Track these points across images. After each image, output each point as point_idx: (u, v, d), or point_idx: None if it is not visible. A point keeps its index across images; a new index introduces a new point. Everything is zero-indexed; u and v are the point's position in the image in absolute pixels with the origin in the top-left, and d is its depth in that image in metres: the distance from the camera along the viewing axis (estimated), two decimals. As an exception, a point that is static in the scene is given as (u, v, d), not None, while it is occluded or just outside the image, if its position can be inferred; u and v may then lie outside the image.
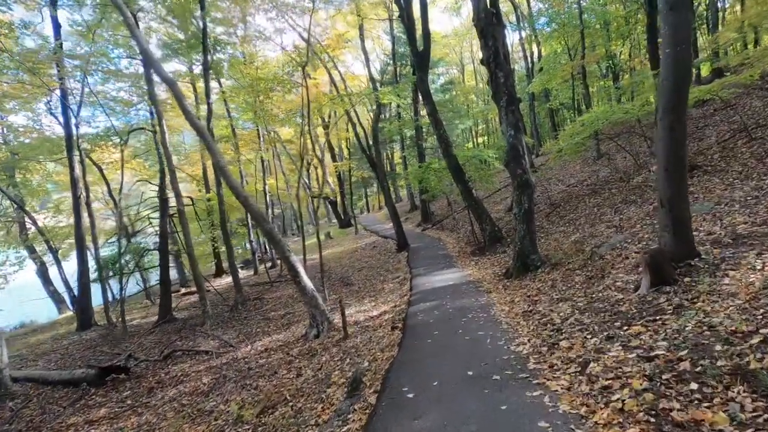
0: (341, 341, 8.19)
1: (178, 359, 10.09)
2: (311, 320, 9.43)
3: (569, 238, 10.94)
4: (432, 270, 12.82)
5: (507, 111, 9.74)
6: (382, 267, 16.20)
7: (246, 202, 9.56)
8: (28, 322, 21.43)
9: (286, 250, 9.47)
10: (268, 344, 9.77)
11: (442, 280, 11.00)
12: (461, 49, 46.34)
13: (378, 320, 9.05)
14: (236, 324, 12.52)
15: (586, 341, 4.51)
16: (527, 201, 9.56)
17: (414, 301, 9.33)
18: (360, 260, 18.87)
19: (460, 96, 35.79)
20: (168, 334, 12.65)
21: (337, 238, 29.48)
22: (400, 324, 7.68)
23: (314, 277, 14.58)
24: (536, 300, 7.02)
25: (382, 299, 11.14)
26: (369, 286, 13.54)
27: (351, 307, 11.11)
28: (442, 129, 14.94)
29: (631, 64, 28.35)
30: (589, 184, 15.97)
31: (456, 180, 14.33)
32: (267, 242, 25.10)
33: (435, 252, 15.91)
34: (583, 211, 13.05)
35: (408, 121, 25.05)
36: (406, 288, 11.28)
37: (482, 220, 14.05)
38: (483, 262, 12.39)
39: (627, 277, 6.29)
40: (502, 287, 8.93)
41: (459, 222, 20.65)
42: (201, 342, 11.25)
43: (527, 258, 9.46)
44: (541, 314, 6.11)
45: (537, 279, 8.55)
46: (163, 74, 9.71)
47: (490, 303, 7.66)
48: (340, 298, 8.35)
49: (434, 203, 29.22)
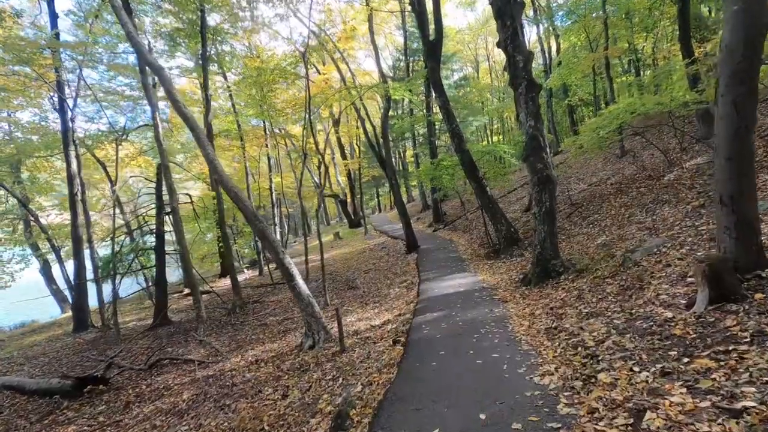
0: (337, 355, 7.28)
1: (164, 368, 9.30)
2: (307, 329, 8.54)
3: (594, 240, 9.84)
4: (442, 274, 11.84)
5: (526, 99, 8.71)
6: (389, 270, 15.26)
7: (237, 197, 8.72)
8: (30, 321, 21.04)
9: (281, 251, 8.60)
10: (260, 354, 8.91)
11: (452, 286, 10.01)
12: (476, 46, 45.20)
13: (380, 331, 8.11)
14: (231, 329, 11.71)
15: (634, 376, 3.49)
16: (548, 199, 8.51)
17: (420, 309, 8.36)
18: (367, 262, 17.96)
19: (474, 92, 34.57)
20: (159, 339, 11.91)
21: (347, 238, 28.61)
22: (403, 338, 6.73)
23: (317, 279, 13.73)
24: (561, 314, 5.99)
25: (387, 306, 10.19)
26: (374, 290, 12.61)
27: (353, 314, 10.20)
28: (455, 123, 13.93)
29: (654, 58, 26.91)
30: (613, 183, 14.77)
31: (469, 177, 13.32)
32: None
33: (446, 254, 14.91)
34: (608, 211, 11.92)
35: (420, 117, 24.06)
36: (413, 294, 10.32)
37: (497, 221, 13.01)
38: (498, 266, 11.36)
39: (673, 289, 5.23)
40: (520, 296, 7.91)
41: (472, 223, 19.59)
42: (191, 349, 10.46)
43: (548, 263, 8.42)
44: (569, 333, 5.09)
45: (560, 288, 7.50)
46: (149, 59, 8.93)
47: (506, 315, 6.66)
48: (338, 307, 7.45)
49: (447, 203, 28.16)
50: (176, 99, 8.87)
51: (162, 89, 13.13)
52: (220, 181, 8.73)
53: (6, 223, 24.44)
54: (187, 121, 8.91)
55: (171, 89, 8.84)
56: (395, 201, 18.24)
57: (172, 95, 8.83)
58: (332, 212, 58.12)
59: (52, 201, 25.27)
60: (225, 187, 8.80)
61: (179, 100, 8.94)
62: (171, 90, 8.84)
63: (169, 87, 8.84)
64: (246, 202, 8.75)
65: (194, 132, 8.89)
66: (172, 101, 8.89)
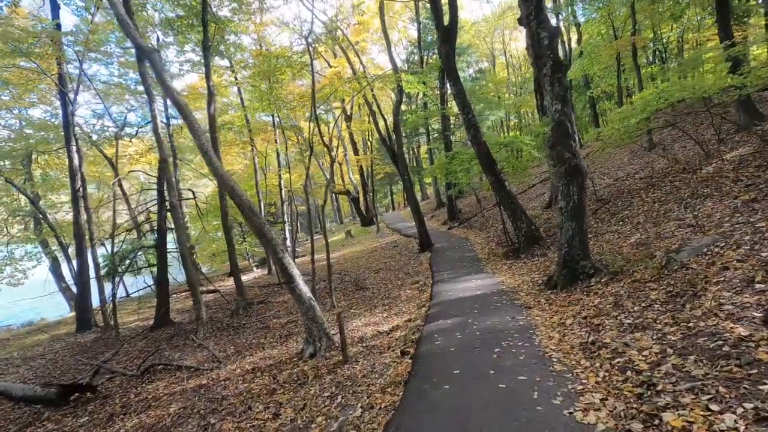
0: (339, 366, 6.50)
1: (157, 375, 8.67)
2: (308, 335, 7.79)
3: (627, 239, 8.86)
4: (457, 275, 10.98)
5: (551, 80, 7.78)
6: (401, 269, 14.44)
7: (233, 191, 8.01)
8: (39, 319, 20.86)
9: (279, 250, 7.86)
10: (257, 361, 8.20)
11: (468, 288, 9.15)
12: (492, 40, 44.00)
13: (387, 338, 7.31)
14: (232, 332, 11.05)
15: (715, 419, 2.62)
16: (577, 192, 7.58)
17: (433, 315, 7.53)
18: (378, 261, 17.17)
19: (490, 87, 33.43)
20: (158, 342, 11.32)
21: (358, 236, 27.89)
22: (412, 349, 5.91)
23: (325, 279, 13.00)
24: (598, 325, 5.09)
25: (397, 309, 9.38)
26: (384, 291, 11.81)
27: (359, 318, 9.42)
28: (471, 113, 13.01)
29: (680, 47, 25.46)
30: (642, 177, 13.68)
31: (486, 170, 12.40)
32: (288, 239, 23.82)
33: (461, 253, 14.02)
34: (639, 207, 10.89)
35: (434, 110, 23.12)
36: (426, 296, 9.48)
37: (516, 217, 12.07)
38: (518, 267, 10.45)
39: (739, 297, 4.30)
40: (545, 301, 7.01)
41: (489, 220, 18.63)
42: (188, 354, 9.82)
43: (576, 264, 7.49)
44: (612, 350, 4.20)
45: (592, 292, 6.58)
46: (139, 41, 8.27)
47: (531, 324, 5.78)
48: (339, 313, 6.67)
49: (462, 200, 27.19)
50: (168, 85, 8.19)
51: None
52: (215, 174, 8.04)
53: (18, 220, 24.46)
54: (180, 109, 8.23)
55: (162, 74, 8.17)
56: (407, 197, 17.40)
57: (164, 81, 8.15)
58: (346, 210, 57.47)
59: (63, 198, 25.13)
60: (220, 181, 8.10)
61: (171, 87, 8.26)
62: (162, 75, 8.16)
63: (160, 71, 8.17)
64: (243, 197, 8.03)
65: (187, 120, 8.21)
66: (164, 87, 8.22)
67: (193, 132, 8.18)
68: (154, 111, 11.01)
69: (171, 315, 13.99)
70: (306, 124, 37.93)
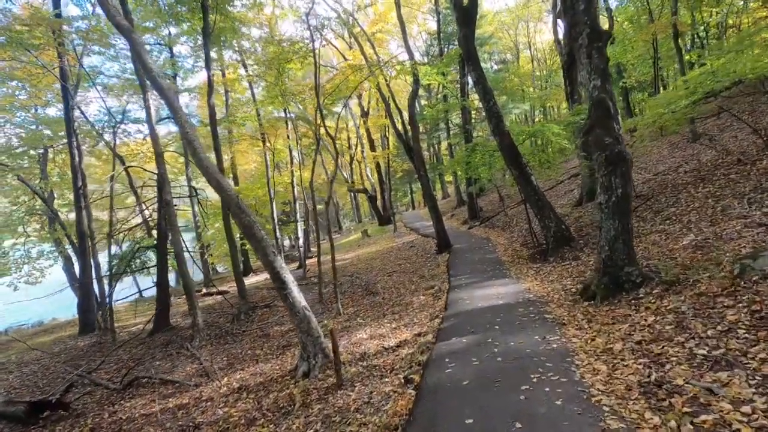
0: (332, 391, 5.45)
1: (140, 389, 7.82)
2: (302, 350, 6.78)
3: (679, 241, 7.51)
4: (477, 279, 9.79)
5: (589, 51, 6.52)
6: (416, 272, 13.30)
7: (219, 185, 7.08)
8: (50, 319, 20.65)
9: (270, 252, 6.88)
10: (247, 378, 7.25)
11: (489, 295, 7.96)
12: (516, 33, 42.30)
13: (392, 357, 6.22)
14: (230, 340, 10.17)
15: None
16: (621, 184, 6.30)
17: (446, 330, 6.39)
18: (393, 262, 16.07)
19: (515, 80, 31.78)
20: (152, 349, 10.55)
21: (375, 236, 26.84)
22: (417, 376, 4.79)
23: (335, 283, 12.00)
24: (659, 355, 3.86)
25: (407, 320, 8.27)
26: (395, 297, 10.71)
27: (364, 329, 8.35)
28: (493, 100, 11.77)
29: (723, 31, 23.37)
30: (688, 171, 12.15)
31: (510, 163, 11.14)
32: (301, 238, 22.99)
33: (482, 255, 12.80)
34: (689, 203, 9.47)
35: (453, 103, 21.85)
36: (440, 305, 8.34)
37: (544, 215, 10.77)
38: (546, 272, 9.19)
39: None
40: (582, 316, 5.78)
41: (512, 219, 17.27)
42: (179, 365, 8.97)
43: (620, 270, 6.22)
44: (690, 399, 3.00)
45: (643, 306, 5.32)
46: (117, 20, 7.42)
47: (567, 349, 4.59)
48: (332, 330, 5.62)
49: (483, 198, 25.79)
50: (149, 67, 7.32)
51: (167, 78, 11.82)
52: (199, 166, 7.13)
53: (36, 219, 24.45)
54: (162, 93, 7.35)
55: (142, 55, 7.30)
56: (424, 194, 16.25)
57: (144, 62, 7.29)
58: (366, 209, 56.54)
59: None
60: (206, 174, 7.17)
61: (153, 69, 7.39)
62: (142, 56, 7.30)
63: (140, 51, 7.30)
64: (229, 192, 7.09)
65: (171, 107, 7.32)
66: (144, 69, 7.36)
67: (177, 119, 7.28)
68: (148, 101, 10.23)
69: (174, 318, 13.30)
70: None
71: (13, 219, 22.23)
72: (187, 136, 7.22)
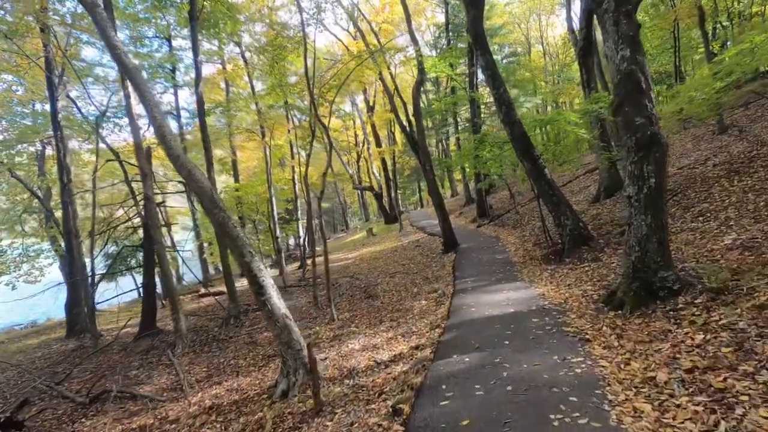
0: (308, 418, 4.59)
1: (106, 404, 7.03)
2: (282, 365, 5.92)
3: (718, 240, 6.51)
4: (484, 282, 8.86)
5: (615, 18, 5.54)
6: (419, 273, 12.39)
7: (190, 176, 6.25)
8: (45, 319, 20.14)
9: (247, 252, 6.03)
10: (223, 394, 6.41)
11: (497, 302, 7.02)
12: (527, 27, 41.15)
13: (383, 375, 5.32)
14: (215, 347, 9.36)
15: None
16: (654, 173, 5.32)
17: (447, 344, 5.47)
18: (396, 263, 15.16)
19: (526, 74, 30.59)
20: (132, 356, 9.79)
21: (380, 234, 25.95)
22: (407, 406, 3.89)
23: (335, 284, 11.12)
24: (722, 391, 2.91)
25: (405, 328, 7.36)
26: (396, 301, 9.81)
27: (358, 338, 7.47)
28: (502, 87, 10.79)
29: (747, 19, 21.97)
30: (717, 164, 11.06)
31: (521, 155, 10.16)
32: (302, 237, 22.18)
33: (491, 255, 11.84)
34: (724, 198, 8.43)
35: (461, 95, 20.84)
36: (443, 312, 7.42)
37: (560, 212, 9.78)
38: (562, 274, 8.21)
39: None
40: (610, 330, 4.82)
41: (524, 217, 16.24)
42: (156, 374, 8.19)
43: (654, 275, 5.25)
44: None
45: (686, 320, 4.35)
46: (79, -10, 6.63)
47: (595, 377, 3.64)
48: (309, 344, 4.77)
49: (493, 195, 24.72)
50: (114, 44, 6.51)
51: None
52: (169, 155, 6.32)
53: (34, 216, 24.03)
54: (127, 72, 6.55)
55: (106, 30, 6.49)
56: (429, 190, 15.31)
57: (108, 38, 6.48)
58: (374, 208, 55.64)
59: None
60: (175, 163, 6.35)
61: (118, 47, 6.58)
62: (106, 31, 6.49)
63: (105, 27, 6.49)
64: (202, 183, 6.24)
65: (138, 88, 6.50)
66: (109, 46, 6.55)
67: (145, 102, 6.46)
68: (128, 89, 9.45)
69: (165, 321, 12.59)
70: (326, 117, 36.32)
71: (11, 217, 21.82)
72: (156, 122, 6.39)
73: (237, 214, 21.56)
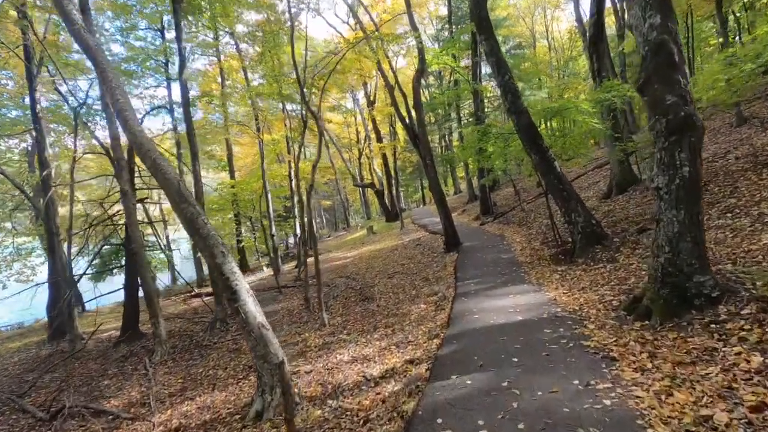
0: (280, 450, 3.85)
1: (67, 422, 6.32)
2: (258, 381, 5.19)
3: (757, 239, 5.72)
4: (489, 285, 8.11)
5: (643, -20, 4.76)
6: (419, 273, 11.63)
7: (155, 165, 5.52)
8: (33, 321, 19.54)
9: (219, 253, 5.30)
10: (193, 413, 5.70)
11: (504, 308, 6.27)
12: (532, 21, 40.26)
13: (371, 395, 4.58)
14: (196, 354, 8.65)
15: None
16: (689, 160, 4.54)
17: (446, 360, 4.72)
18: (396, 262, 14.41)
19: (531, 66, 29.69)
20: (109, 363, 9.09)
21: (381, 233, 25.20)
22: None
23: (330, 284, 10.40)
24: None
25: (401, 336, 6.62)
26: (392, 304, 9.07)
27: (348, 347, 6.74)
28: (508, 74, 10.01)
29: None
30: (740, 157, 10.26)
31: (528, 146, 9.38)
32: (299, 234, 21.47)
33: (495, 254, 11.08)
34: (754, 192, 7.65)
35: (464, 87, 20.02)
36: (442, 318, 6.67)
37: (570, 209, 9.00)
38: (574, 277, 7.43)
39: None
40: (639, 346, 4.04)
41: (530, 214, 15.44)
42: (129, 386, 7.47)
43: (688, 279, 4.49)
44: None
45: (734, 335, 3.59)
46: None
47: (631, 411, 2.89)
48: (281, 363, 4.04)
49: (497, 192, 23.91)
50: (72, 19, 5.79)
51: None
52: (133, 142, 5.60)
53: (26, 214, 23.45)
54: (88, 50, 5.82)
55: (63, 4, 5.76)
56: (430, 186, 14.54)
57: (67, 13, 5.76)
58: (377, 206, 54.87)
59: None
60: (139, 151, 5.63)
61: (77, 21, 5.86)
62: (63, 6, 5.77)
63: (61, 1, 5.77)
64: (169, 175, 5.51)
65: (99, 67, 5.79)
66: (67, 21, 5.83)
67: (106, 82, 5.74)
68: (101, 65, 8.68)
69: (148, 325, 11.91)
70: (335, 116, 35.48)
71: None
72: (118, 104, 5.67)
73: (233, 211, 20.90)
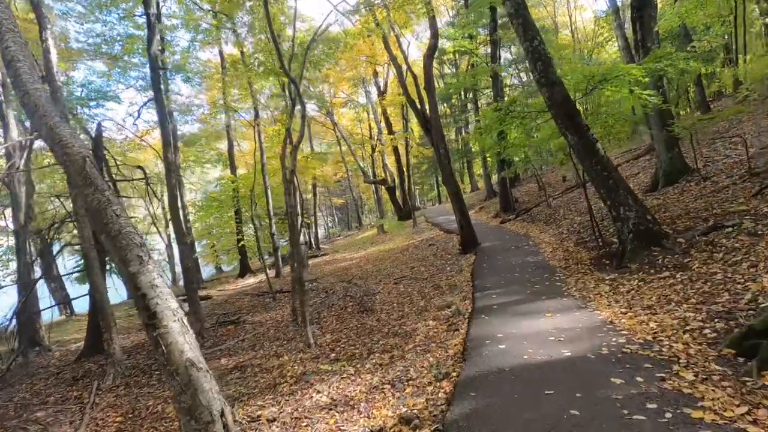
0: None
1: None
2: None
3: None
4: (515, 297, 6.37)
5: None
6: (430, 279, 9.90)
7: (52, 135, 3.93)
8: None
9: (135, 257, 3.65)
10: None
11: (541, 333, 4.54)
12: (554, 10, 38.10)
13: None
14: (155, 378, 7.11)
15: None
16: None
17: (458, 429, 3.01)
18: (405, 264, 12.70)
19: (552, 51, 27.58)
20: (59, 384, 7.64)
21: (392, 231, 23.49)
22: None
23: (330, 291, 8.78)
24: None
25: (400, 369, 4.92)
26: (395, 319, 7.38)
27: (330, 382, 5.07)
28: (538, 38, 8.19)
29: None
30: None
31: (564, 124, 7.56)
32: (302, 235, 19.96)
33: (521, 257, 9.30)
34: None
35: (481, 69, 18.16)
36: (456, 346, 4.95)
37: (617, 201, 7.15)
38: (632, 288, 5.62)
39: None
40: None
41: (557, 211, 13.54)
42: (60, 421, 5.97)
43: None
44: None
45: None
46: None
47: None
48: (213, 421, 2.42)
49: (518, 188, 21.91)
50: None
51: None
52: (23, 102, 4.08)
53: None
54: None
55: None
56: (444, 178, 12.81)
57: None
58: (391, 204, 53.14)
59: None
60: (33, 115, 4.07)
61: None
62: None
63: None
64: (71, 149, 3.91)
65: None
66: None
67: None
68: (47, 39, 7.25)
69: (123, 335, 10.53)
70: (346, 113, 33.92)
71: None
72: (9, 52, 4.13)
73: (234, 208, 19.55)
